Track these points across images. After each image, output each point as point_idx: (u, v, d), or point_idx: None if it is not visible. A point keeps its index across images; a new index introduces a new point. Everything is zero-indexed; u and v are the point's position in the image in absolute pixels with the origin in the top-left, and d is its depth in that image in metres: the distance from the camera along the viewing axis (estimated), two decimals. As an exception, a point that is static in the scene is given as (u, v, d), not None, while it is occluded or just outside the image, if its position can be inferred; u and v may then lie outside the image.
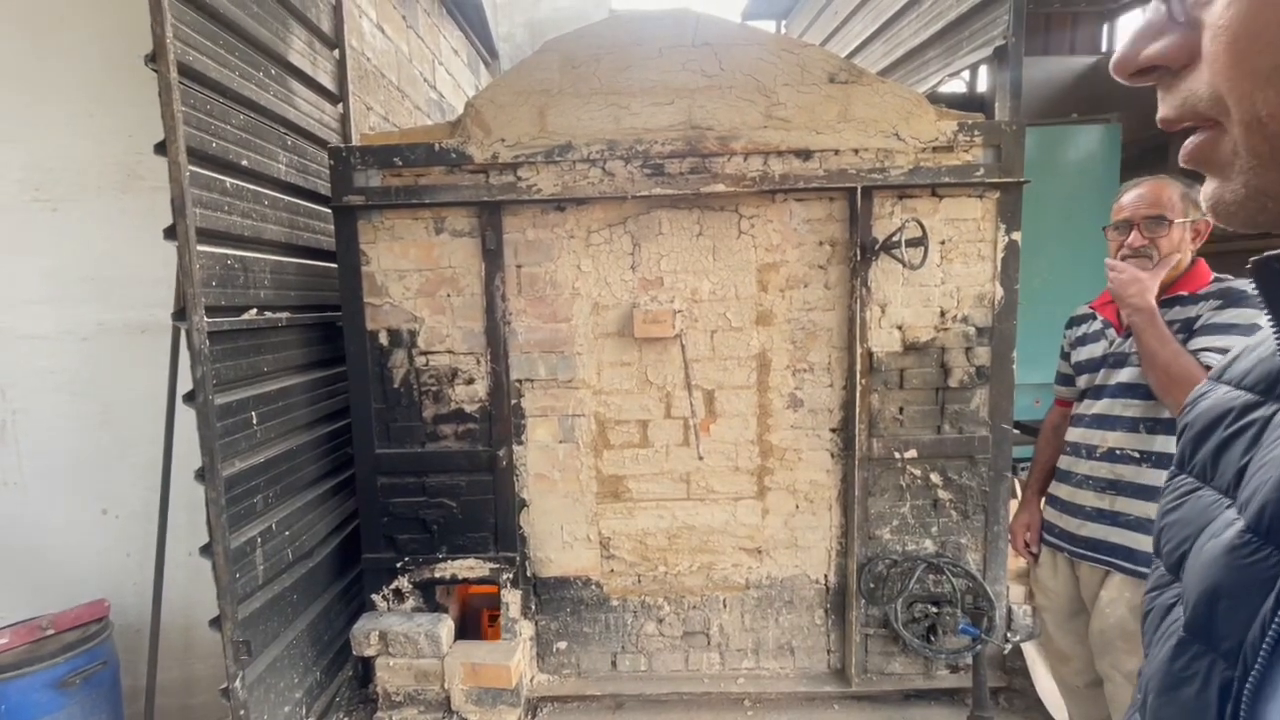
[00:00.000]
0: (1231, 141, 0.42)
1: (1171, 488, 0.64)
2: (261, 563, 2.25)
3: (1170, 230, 1.63)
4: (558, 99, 2.44)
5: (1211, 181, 0.45)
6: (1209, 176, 0.45)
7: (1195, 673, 0.49)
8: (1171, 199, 1.63)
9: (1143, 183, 1.70)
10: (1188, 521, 0.59)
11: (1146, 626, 0.62)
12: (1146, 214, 1.65)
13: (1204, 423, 0.63)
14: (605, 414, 2.61)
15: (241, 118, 2.22)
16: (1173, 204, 1.63)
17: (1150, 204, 1.66)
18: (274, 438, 2.37)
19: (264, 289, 2.34)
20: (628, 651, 2.74)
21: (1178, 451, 0.64)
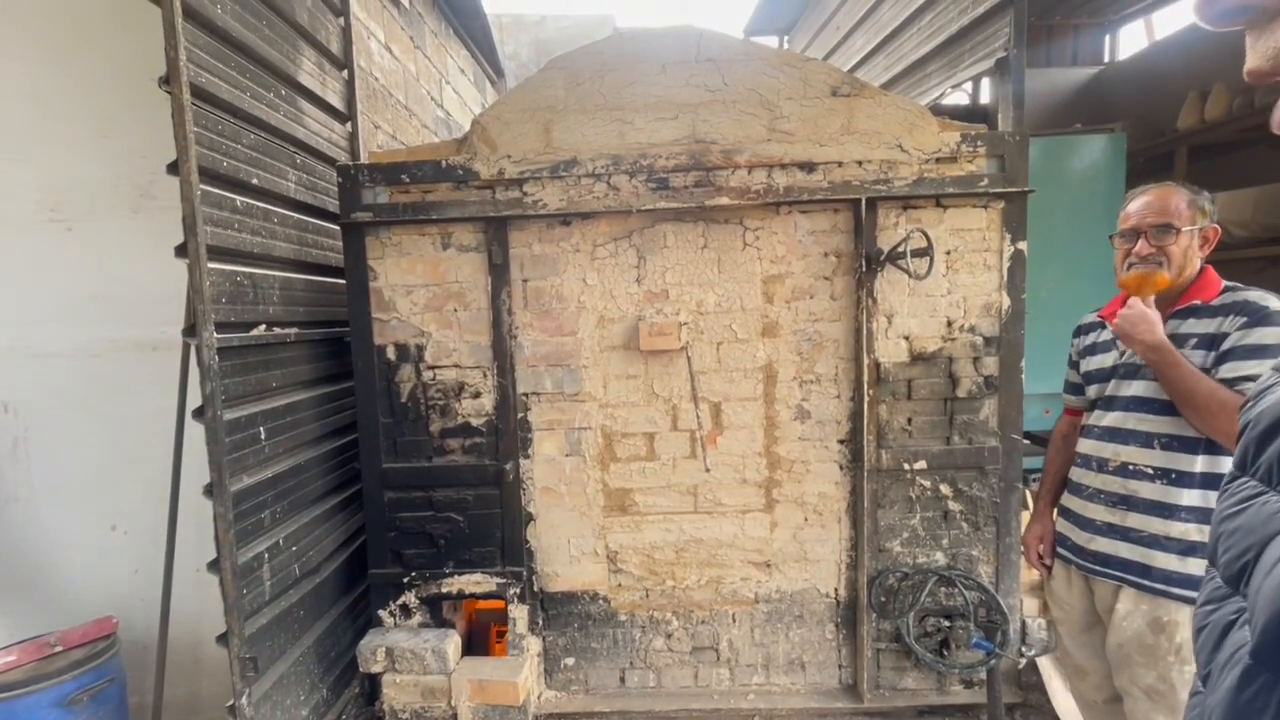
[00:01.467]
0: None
1: (1231, 491, 0.60)
2: (268, 578, 2.25)
3: (1178, 238, 1.61)
4: (563, 115, 2.47)
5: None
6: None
7: (1267, 705, 0.45)
8: (1179, 206, 1.62)
9: (1149, 190, 1.68)
10: (1250, 530, 0.55)
11: (1201, 644, 0.58)
12: (1154, 222, 1.64)
13: (1270, 420, 0.58)
14: (611, 427, 2.60)
15: (252, 137, 2.26)
16: (1180, 211, 1.62)
17: (1158, 212, 1.64)
18: (281, 453, 2.38)
19: (273, 305, 2.36)
20: (636, 667, 2.71)
21: (1238, 451, 0.60)
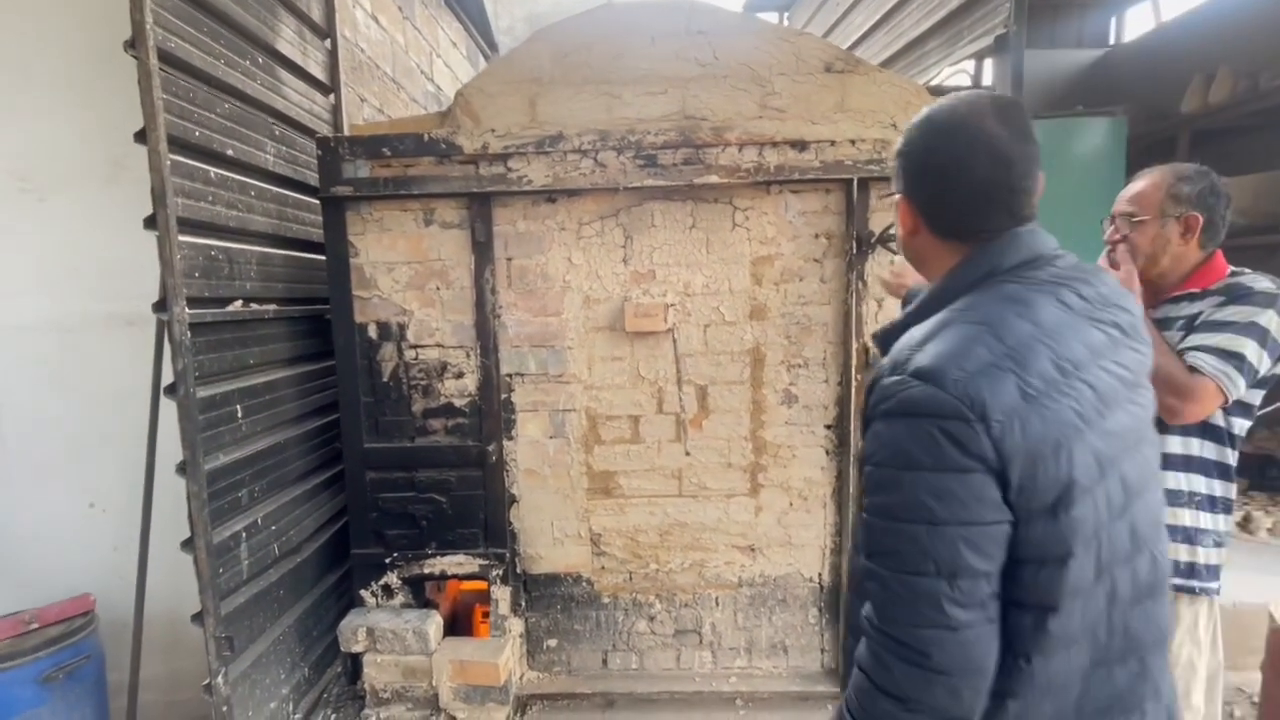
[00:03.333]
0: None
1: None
2: (246, 558, 2.22)
3: (1143, 227, 1.60)
4: (549, 88, 2.40)
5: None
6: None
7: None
8: (1151, 196, 1.59)
9: (1142, 175, 1.66)
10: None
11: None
12: (1121, 210, 1.65)
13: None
14: (596, 409, 2.57)
15: (227, 106, 2.19)
16: (1149, 201, 1.59)
17: (1129, 199, 1.64)
18: (260, 431, 2.35)
19: (250, 281, 2.31)
20: (619, 649, 2.71)
21: None
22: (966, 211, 0.95)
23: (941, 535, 0.82)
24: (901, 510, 0.84)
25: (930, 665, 0.83)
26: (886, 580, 0.86)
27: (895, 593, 0.85)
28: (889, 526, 0.86)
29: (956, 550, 0.81)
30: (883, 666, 0.87)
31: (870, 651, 0.89)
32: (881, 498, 0.87)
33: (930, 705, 0.84)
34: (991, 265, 0.93)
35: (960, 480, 0.81)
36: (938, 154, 0.95)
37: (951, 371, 0.82)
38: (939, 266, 0.99)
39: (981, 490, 0.82)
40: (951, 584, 0.82)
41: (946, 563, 0.82)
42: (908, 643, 0.84)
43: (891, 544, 0.85)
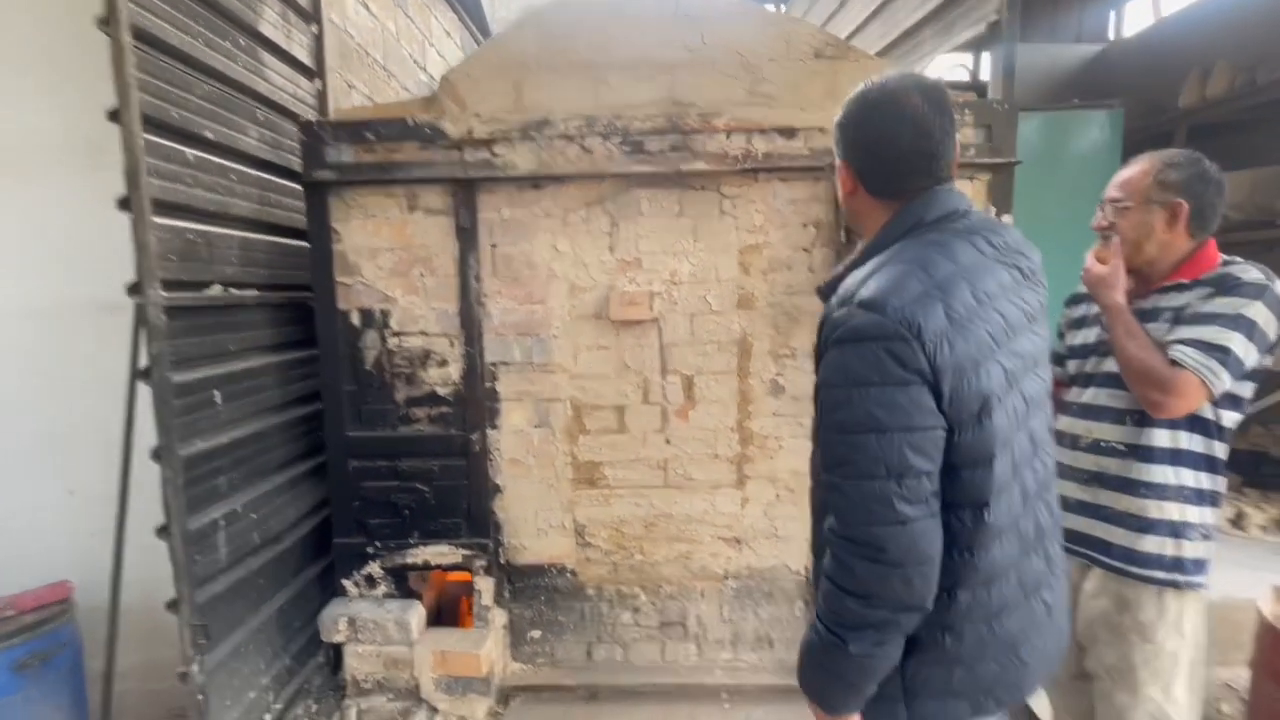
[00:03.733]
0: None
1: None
2: (225, 546, 2.20)
3: (1127, 213, 1.56)
4: (535, 73, 2.36)
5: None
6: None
7: None
8: (1138, 182, 1.56)
9: (1134, 162, 1.62)
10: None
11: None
12: (1110, 195, 1.61)
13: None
14: (581, 399, 2.54)
15: (206, 88, 2.16)
16: (1134, 187, 1.56)
17: (1117, 184, 1.60)
18: (240, 418, 2.32)
19: (230, 265, 2.28)
20: (603, 641, 2.69)
21: None
22: (895, 174, 1.10)
23: (889, 441, 0.96)
24: (853, 424, 0.98)
25: (885, 559, 0.96)
26: (844, 488, 1.00)
27: (851, 498, 0.99)
28: (843, 439, 1.00)
29: (902, 453, 0.96)
30: (845, 569, 1.00)
31: (834, 558, 1.02)
32: (837, 415, 1.01)
33: (888, 597, 0.98)
34: (917, 218, 1.08)
35: (903, 392, 0.96)
36: (871, 125, 1.11)
37: (891, 300, 0.97)
38: (874, 221, 1.14)
39: (920, 399, 0.96)
40: (900, 483, 0.96)
41: (895, 465, 0.96)
42: (866, 541, 0.98)
43: (846, 454, 0.99)
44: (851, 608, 1.00)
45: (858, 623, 1.00)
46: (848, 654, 1.01)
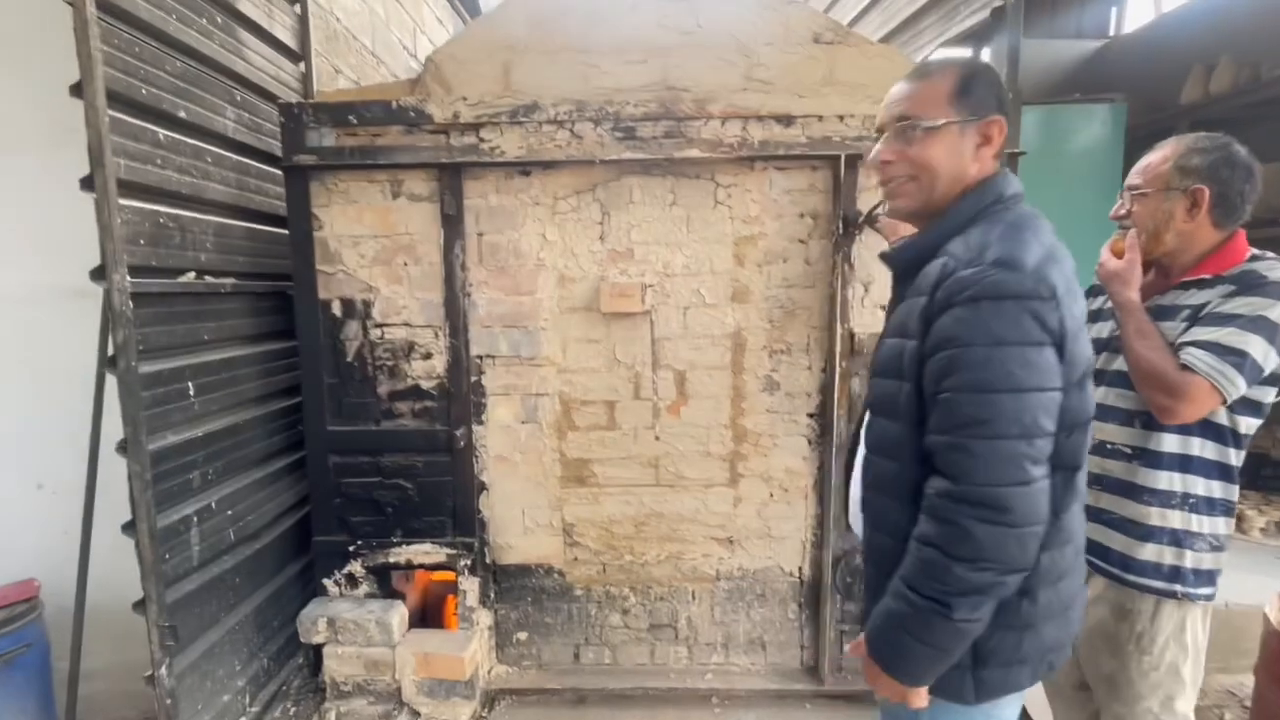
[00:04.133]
0: None
1: None
2: (197, 543, 2.12)
3: (1144, 201, 1.46)
4: (523, 55, 2.28)
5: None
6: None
7: None
8: (1157, 167, 1.44)
9: (1158, 146, 1.50)
10: None
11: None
12: (1129, 182, 1.51)
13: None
14: (570, 394, 2.47)
15: (179, 65, 2.07)
16: (1154, 172, 1.44)
17: (1137, 170, 1.49)
18: (216, 411, 2.23)
19: (205, 252, 2.19)
20: (591, 643, 2.62)
21: None
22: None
23: (1025, 401, 0.97)
24: (990, 383, 0.97)
25: (1007, 520, 0.97)
26: (973, 448, 0.99)
27: (983, 458, 0.98)
28: (977, 399, 0.98)
29: (1035, 414, 0.98)
30: (958, 532, 0.99)
31: (942, 522, 1.01)
32: (969, 375, 0.99)
33: (1001, 560, 0.98)
34: (998, 192, 1.11)
35: (1039, 352, 0.98)
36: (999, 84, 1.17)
37: (1028, 260, 1.00)
38: (953, 189, 1.14)
39: (1053, 361, 0.99)
40: (1030, 444, 0.98)
41: (1028, 426, 0.97)
42: (991, 502, 0.97)
43: (978, 413, 0.98)
44: (959, 573, 0.99)
45: (964, 588, 0.99)
46: (949, 621, 1.01)
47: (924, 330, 1.06)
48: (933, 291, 1.05)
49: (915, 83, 1.15)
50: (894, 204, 1.21)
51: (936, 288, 1.04)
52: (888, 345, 1.16)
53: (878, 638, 1.11)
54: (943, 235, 1.11)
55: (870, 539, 1.22)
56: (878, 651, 1.11)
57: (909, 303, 1.11)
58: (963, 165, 1.13)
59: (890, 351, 1.14)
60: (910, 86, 1.15)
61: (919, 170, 1.14)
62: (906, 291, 1.15)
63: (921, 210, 1.18)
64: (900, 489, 1.12)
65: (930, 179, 1.13)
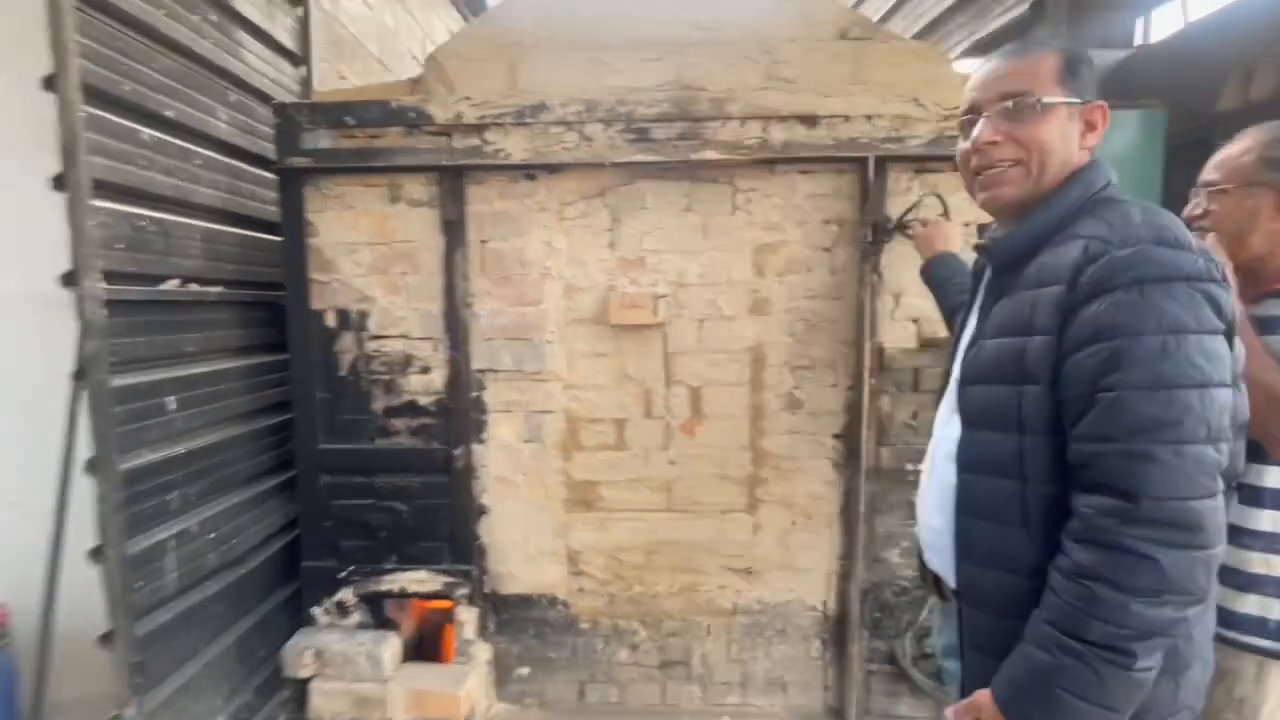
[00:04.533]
0: None
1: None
2: (174, 569, 1.97)
3: (1223, 198, 1.27)
4: (530, 52, 2.16)
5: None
6: None
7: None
8: (1237, 160, 1.27)
9: (1238, 138, 1.31)
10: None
11: None
12: (1205, 178, 1.32)
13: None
14: (577, 411, 2.31)
15: (168, 63, 1.96)
16: (1234, 166, 1.27)
17: (1213, 165, 1.32)
18: (199, 427, 2.10)
19: (191, 258, 2.07)
20: (597, 680, 2.43)
21: None
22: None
23: (1212, 399, 0.83)
24: (1172, 377, 0.83)
25: (1200, 540, 0.82)
26: (1160, 456, 0.82)
27: (1173, 468, 0.82)
28: (1159, 397, 0.83)
29: (1221, 414, 0.84)
30: (1137, 561, 0.82)
31: (1111, 550, 0.84)
32: (1143, 369, 0.84)
33: (1189, 589, 0.83)
34: (1107, 178, 1.00)
35: (1217, 341, 0.85)
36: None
37: (1188, 238, 0.87)
38: (1063, 168, 1.01)
39: (1228, 352, 0.87)
40: (1218, 448, 0.84)
41: (1215, 427, 0.83)
42: (1180, 521, 0.82)
43: (1163, 414, 0.83)
44: (1139, 610, 0.82)
45: (1148, 628, 0.83)
46: (1127, 674, 0.83)
47: (1061, 323, 0.91)
48: (1074, 278, 0.90)
49: (1016, 59, 1.02)
50: (994, 193, 1.05)
51: (1079, 273, 0.89)
52: (992, 347, 1.01)
53: (1021, 699, 0.90)
54: (1052, 223, 0.98)
55: (969, 576, 1.04)
56: (1021, 717, 0.91)
57: (1023, 296, 0.97)
58: (1071, 151, 1.00)
59: (1000, 354, 0.99)
60: (1012, 63, 1.02)
61: (1030, 152, 0.99)
62: (1007, 286, 1.02)
63: (1027, 200, 1.02)
64: (1017, 512, 0.96)
65: (1041, 162, 1.00)
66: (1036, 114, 0.98)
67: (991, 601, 1.00)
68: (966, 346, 1.08)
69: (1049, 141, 0.99)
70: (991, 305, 1.05)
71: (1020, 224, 1.03)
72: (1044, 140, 0.99)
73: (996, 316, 1.02)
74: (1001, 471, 0.98)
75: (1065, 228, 0.97)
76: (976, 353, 1.04)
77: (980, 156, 1.04)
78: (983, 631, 1.02)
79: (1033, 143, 0.99)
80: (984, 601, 1.02)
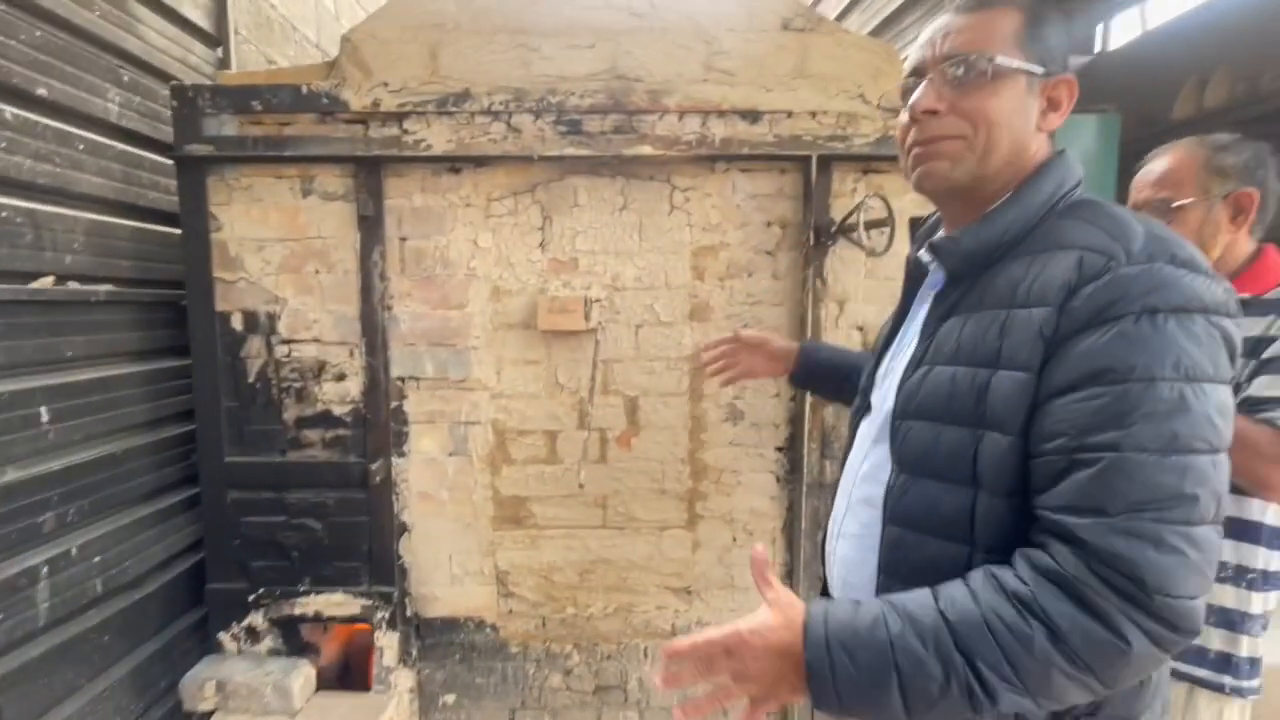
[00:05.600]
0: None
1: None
2: (46, 599, 1.77)
3: (1184, 214, 1.21)
4: (453, 36, 2.00)
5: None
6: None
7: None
8: (1184, 174, 1.23)
9: (1161, 153, 1.30)
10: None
11: None
12: (1148, 196, 1.26)
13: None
14: (506, 422, 2.16)
15: (37, 34, 1.76)
16: (1183, 180, 1.23)
17: (1156, 183, 1.26)
18: (81, 440, 1.90)
19: (72, 254, 1.87)
20: (529, 707, 2.28)
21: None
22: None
23: (1220, 468, 0.68)
24: (1190, 438, 0.66)
25: (1183, 644, 0.67)
26: (1169, 540, 0.65)
27: (1185, 558, 0.65)
28: (1171, 463, 0.65)
29: (1225, 486, 0.68)
30: (1112, 645, 0.65)
31: (1095, 622, 0.65)
32: (1156, 425, 0.66)
33: (1117, 681, 0.68)
34: (1079, 176, 0.84)
35: (1229, 393, 0.70)
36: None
37: (1202, 258, 0.71)
38: (1026, 158, 0.84)
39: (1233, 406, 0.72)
40: (1218, 529, 0.68)
41: (1222, 503, 0.68)
42: (1185, 625, 0.65)
43: (1176, 485, 0.65)
44: (1056, 681, 0.67)
45: (1034, 691, 0.67)
46: (963, 705, 0.68)
47: (1045, 357, 0.73)
48: (1064, 299, 0.72)
49: (971, 14, 0.83)
50: (928, 168, 0.84)
51: (1071, 294, 0.72)
52: (941, 378, 0.81)
53: (843, 649, 0.70)
54: (1022, 222, 0.81)
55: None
56: (823, 654, 0.70)
57: (986, 317, 0.78)
58: (1026, 130, 0.82)
59: (953, 387, 0.79)
60: (965, 18, 0.83)
61: (976, 126, 0.81)
62: (961, 301, 0.83)
63: (969, 184, 0.84)
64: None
65: (988, 140, 0.81)
66: (987, 81, 0.80)
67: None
68: (905, 369, 0.87)
69: (999, 115, 0.80)
70: (938, 323, 0.85)
71: (983, 222, 0.83)
72: (993, 113, 0.80)
73: (947, 338, 0.83)
74: (944, 532, 0.79)
75: (1034, 230, 0.80)
76: (920, 381, 0.84)
77: (918, 129, 0.84)
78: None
79: (979, 115, 0.80)
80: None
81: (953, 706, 0.68)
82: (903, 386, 0.86)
